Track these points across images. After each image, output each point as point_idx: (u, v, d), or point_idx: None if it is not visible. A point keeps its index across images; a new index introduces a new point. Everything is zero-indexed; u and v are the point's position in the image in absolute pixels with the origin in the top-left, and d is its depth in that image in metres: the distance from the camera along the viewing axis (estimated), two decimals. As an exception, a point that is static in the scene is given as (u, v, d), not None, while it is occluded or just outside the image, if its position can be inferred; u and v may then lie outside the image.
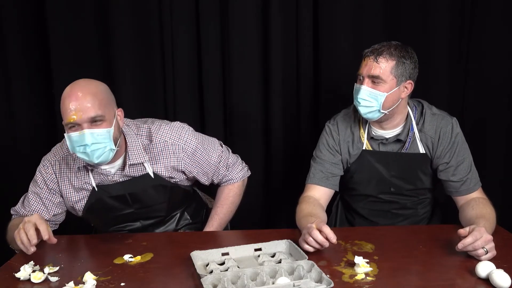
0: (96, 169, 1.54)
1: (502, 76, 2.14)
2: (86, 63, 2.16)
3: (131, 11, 2.12)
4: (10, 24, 2.13)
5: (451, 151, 1.60)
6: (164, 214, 1.69)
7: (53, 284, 1.26)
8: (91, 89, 1.42)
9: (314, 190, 1.66)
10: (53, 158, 1.60)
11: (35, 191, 1.60)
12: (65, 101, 1.40)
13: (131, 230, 1.68)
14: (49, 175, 1.58)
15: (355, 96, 1.59)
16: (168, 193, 1.63)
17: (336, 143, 1.69)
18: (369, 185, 1.71)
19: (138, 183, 1.57)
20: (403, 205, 1.73)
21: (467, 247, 1.28)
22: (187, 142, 1.60)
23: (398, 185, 1.68)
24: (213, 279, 1.19)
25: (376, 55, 1.54)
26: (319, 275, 1.19)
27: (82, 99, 1.38)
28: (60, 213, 1.63)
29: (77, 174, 1.56)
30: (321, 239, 1.32)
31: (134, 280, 1.27)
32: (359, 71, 1.59)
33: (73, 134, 1.40)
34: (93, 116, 1.39)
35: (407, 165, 1.65)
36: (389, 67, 1.53)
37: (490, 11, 2.09)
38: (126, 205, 1.60)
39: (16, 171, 2.25)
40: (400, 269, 1.28)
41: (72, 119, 1.38)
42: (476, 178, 1.61)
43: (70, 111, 1.38)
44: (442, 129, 1.61)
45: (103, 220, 1.66)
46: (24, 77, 2.19)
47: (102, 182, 1.57)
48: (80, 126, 1.39)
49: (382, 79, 1.54)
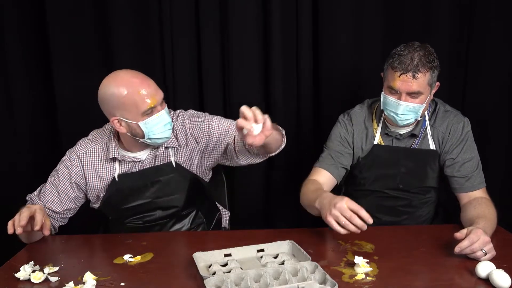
0: (126, 159, 1.60)
1: (502, 76, 2.15)
2: (86, 63, 2.16)
3: (131, 11, 2.12)
4: (10, 24, 2.13)
5: (458, 148, 1.62)
6: (181, 205, 1.69)
7: (53, 284, 1.26)
8: (143, 74, 1.52)
9: (319, 175, 1.67)
10: (81, 150, 1.63)
11: (54, 182, 1.62)
12: (135, 90, 1.46)
13: (147, 221, 1.68)
14: (75, 168, 1.62)
15: (389, 108, 1.57)
16: (187, 183, 1.66)
17: (349, 135, 1.70)
18: (377, 180, 1.72)
19: (160, 172, 1.62)
20: (408, 202, 1.74)
21: (465, 250, 1.28)
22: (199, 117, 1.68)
23: (406, 181, 1.70)
24: (216, 280, 1.19)
25: (414, 71, 1.49)
26: (323, 277, 1.19)
27: (151, 83, 1.50)
28: (72, 208, 1.65)
29: (105, 165, 1.62)
30: (361, 224, 1.30)
31: (134, 280, 1.27)
32: (392, 84, 1.54)
33: (151, 119, 1.49)
34: (162, 96, 1.53)
35: (417, 161, 1.67)
36: (426, 79, 1.52)
37: (490, 11, 2.09)
38: (145, 194, 1.63)
39: (17, 171, 2.25)
40: (400, 269, 1.28)
41: (151, 104, 1.47)
42: (482, 177, 1.63)
43: (144, 97, 1.47)
44: (453, 125, 1.63)
45: (121, 211, 1.66)
46: (24, 77, 2.19)
47: (128, 171, 1.62)
48: (155, 109, 1.49)
49: (421, 92, 1.53)
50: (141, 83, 1.48)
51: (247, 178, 2.25)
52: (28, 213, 1.38)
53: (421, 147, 1.66)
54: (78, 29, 2.13)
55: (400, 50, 1.55)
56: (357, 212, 1.30)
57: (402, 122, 1.59)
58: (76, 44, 2.14)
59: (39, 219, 1.38)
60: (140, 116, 1.48)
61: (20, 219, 1.36)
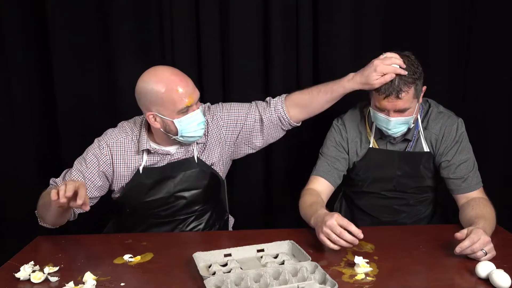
0: (158, 151, 1.62)
1: (502, 77, 2.14)
2: (86, 63, 2.16)
3: (132, 11, 2.11)
4: (10, 24, 2.13)
5: (453, 150, 1.62)
6: (201, 201, 1.70)
7: (53, 284, 1.26)
8: (182, 72, 1.56)
9: (317, 183, 1.67)
10: (111, 140, 1.64)
11: (81, 169, 1.62)
12: (174, 88, 1.49)
13: (166, 215, 1.68)
14: (104, 156, 1.62)
15: (380, 123, 1.59)
16: (207, 178, 1.68)
17: (344, 140, 1.70)
18: (374, 183, 1.73)
19: (183, 166, 1.64)
20: (405, 201, 1.74)
21: (465, 250, 1.28)
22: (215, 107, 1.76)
23: (403, 183, 1.70)
24: (216, 280, 1.19)
25: (397, 93, 1.49)
26: (323, 277, 1.19)
27: (189, 82, 1.54)
28: (96, 197, 1.65)
29: (134, 156, 1.63)
30: (352, 239, 1.31)
31: (134, 280, 1.27)
32: (378, 105, 1.55)
33: (186, 117, 1.52)
34: (198, 96, 1.56)
35: (412, 164, 1.67)
36: (411, 95, 1.52)
37: (490, 10, 2.09)
38: (166, 188, 1.64)
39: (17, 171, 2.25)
40: (400, 269, 1.28)
41: (188, 103, 1.51)
42: (478, 178, 1.62)
43: (183, 95, 1.50)
44: (447, 127, 1.63)
45: (141, 204, 1.66)
46: (24, 77, 2.18)
47: (156, 164, 1.63)
48: (191, 108, 1.53)
49: (409, 107, 1.53)
50: (180, 81, 1.51)
51: (247, 178, 2.25)
52: (73, 186, 1.33)
53: (415, 149, 1.66)
54: (78, 29, 2.13)
55: None
56: (347, 227, 1.32)
57: (395, 135, 1.61)
58: (76, 44, 2.14)
59: (83, 194, 1.33)
60: (176, 113, 1.51)
61: (66, 190, 1.32)
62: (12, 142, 2.23)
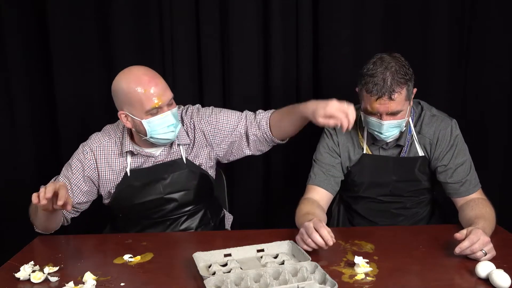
0: (141, 152, 1.62)
1: (502, 77, 2.14)
2: (86, 62, 2.16)
3: (132, 11, 2.12)
4: (10, 24, 2.13)
5: (449, 154, 1.60)
6: (192, 202, 1.69)
7: (53, 284, 1.26)
8: (156, 73, 1.53)
9: (314, 192, 1.66)
10: (94, 144, 1.64)
11: (67, 175, 1.63)
12: (143, 88, 1.47)
13: (158, 217, 1.68)
14: (88, 161, 1.62)
15: (372, 128, 1.56)
16: (196, 179, 1.67)
17: (336, 145, 1.69)
18: (369, 188, 1.71)
19: (171, 168, 1.64)
20: (403, 205, 1.73)
21: (465, 251, 1.28)
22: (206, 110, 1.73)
23: (399, 188, 1.69)
24: (216, 280, 1.19)
25: (389, 93, 1.46)
26: (323, 277, 1.19)
27: (160, 83, 1.51)
28: (84, 202, 1.65)
29: (118, 159, 1.63)
30: (321, 242, 1.32)
31: (134, 280, 1.27)
32: (370, 108, 1.51)
33: (155, 118, 1.50)
34: (170, 98, 1.52)
35: (407, 169, 1.65)
36: (403, 96, 1.49)
37: (490, 10, 2.09)
38: (156, 190, 1.64)
39: (17, 170, 2.25)
40: (400, 269, 1.28)
41: (156, 104, 1.48)
42: (476, 179, 1.61)
43: (151, 95, 1.48)
44: (441, 131, 1.61)
45: (131, 207, 1.66)
46: (24, 77, 2.18)
47: (141, 166, 1.63)
48: (161, 109, 1.50)
49: (401, 109, 1.51)
50: (150, 81, 1.49)
51: (247, 178, 2.25)
52: (53, 188, 1.35)
53: (409, 154, 1.64)
54: (78, 29, 2.13)
55: (371, 69, 1.50)
56: (318, 230, 1.32)
57: (387, 139, 1.59)
58: (76, 44, 2.14)
59: (62, 195, 1.34)
60: (144, 114, 1.50)
61: (45, 192, 1.34)
62: (12, 142, 2.24)
